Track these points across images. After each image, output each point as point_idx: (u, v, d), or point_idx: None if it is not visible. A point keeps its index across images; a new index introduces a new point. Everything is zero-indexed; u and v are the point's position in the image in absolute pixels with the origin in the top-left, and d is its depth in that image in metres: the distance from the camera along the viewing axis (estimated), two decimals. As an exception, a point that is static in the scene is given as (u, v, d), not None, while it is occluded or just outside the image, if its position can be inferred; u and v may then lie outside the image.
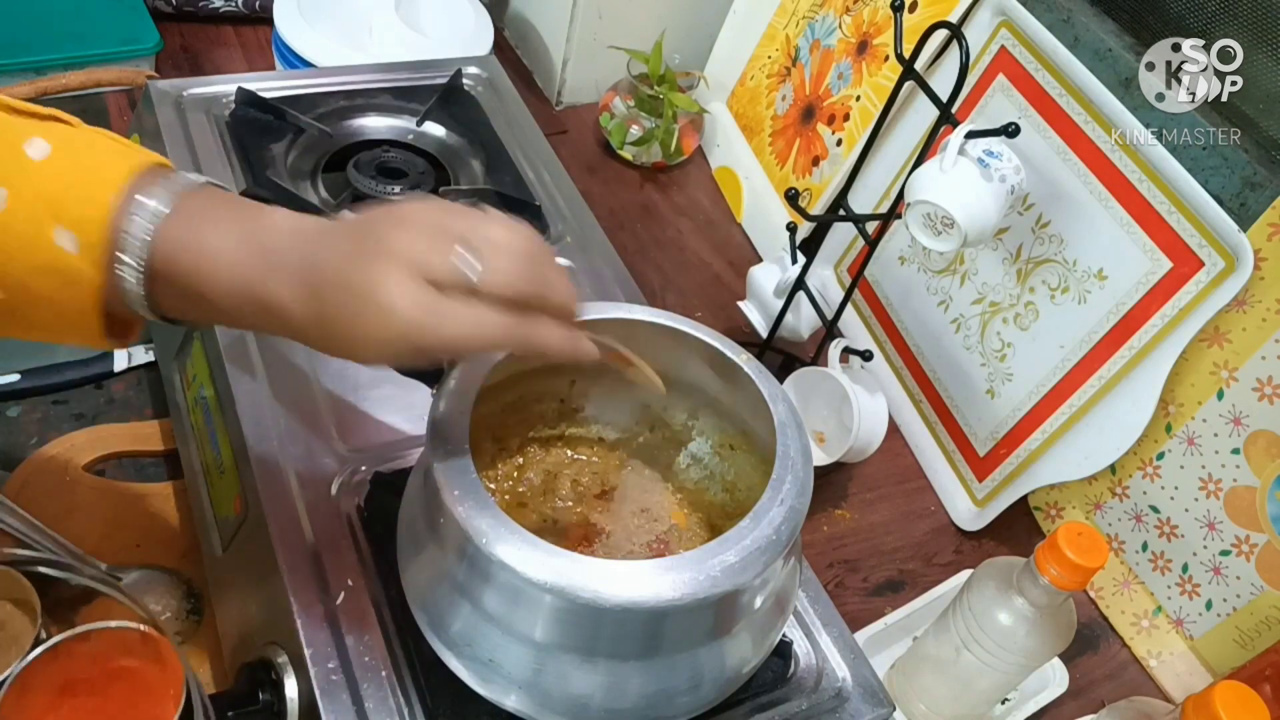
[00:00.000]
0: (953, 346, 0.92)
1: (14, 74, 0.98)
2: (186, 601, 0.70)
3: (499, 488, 0.60)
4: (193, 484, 0.71)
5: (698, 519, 0.62)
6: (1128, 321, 0.78)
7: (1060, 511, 0.90)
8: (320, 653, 0.53)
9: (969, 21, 0.89)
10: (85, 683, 0.45)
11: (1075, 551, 0.59)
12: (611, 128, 1.14)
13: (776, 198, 1.08)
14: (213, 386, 0.67)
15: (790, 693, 0.58)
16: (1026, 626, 0.64)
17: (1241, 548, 0.76)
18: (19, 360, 0.80)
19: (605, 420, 0.64)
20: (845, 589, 0.83)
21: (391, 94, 0.89)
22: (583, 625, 0.47)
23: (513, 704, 0.50)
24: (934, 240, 0.74)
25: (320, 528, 0.59)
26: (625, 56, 1.11)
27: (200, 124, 0.82)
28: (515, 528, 0.45)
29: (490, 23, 1.14)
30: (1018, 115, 0.83)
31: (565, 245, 0.81)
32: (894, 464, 0.94)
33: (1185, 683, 0.81)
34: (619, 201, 1.12)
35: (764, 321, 0.92)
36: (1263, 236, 0.72)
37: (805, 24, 1.07)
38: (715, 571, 0.45)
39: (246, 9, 1.16)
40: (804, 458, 0.51)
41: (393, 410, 0.67)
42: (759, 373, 0.54)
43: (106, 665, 0.46)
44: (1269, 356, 0.73)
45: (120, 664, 0.46)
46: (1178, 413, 0.79)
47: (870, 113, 0.97)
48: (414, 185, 0.81)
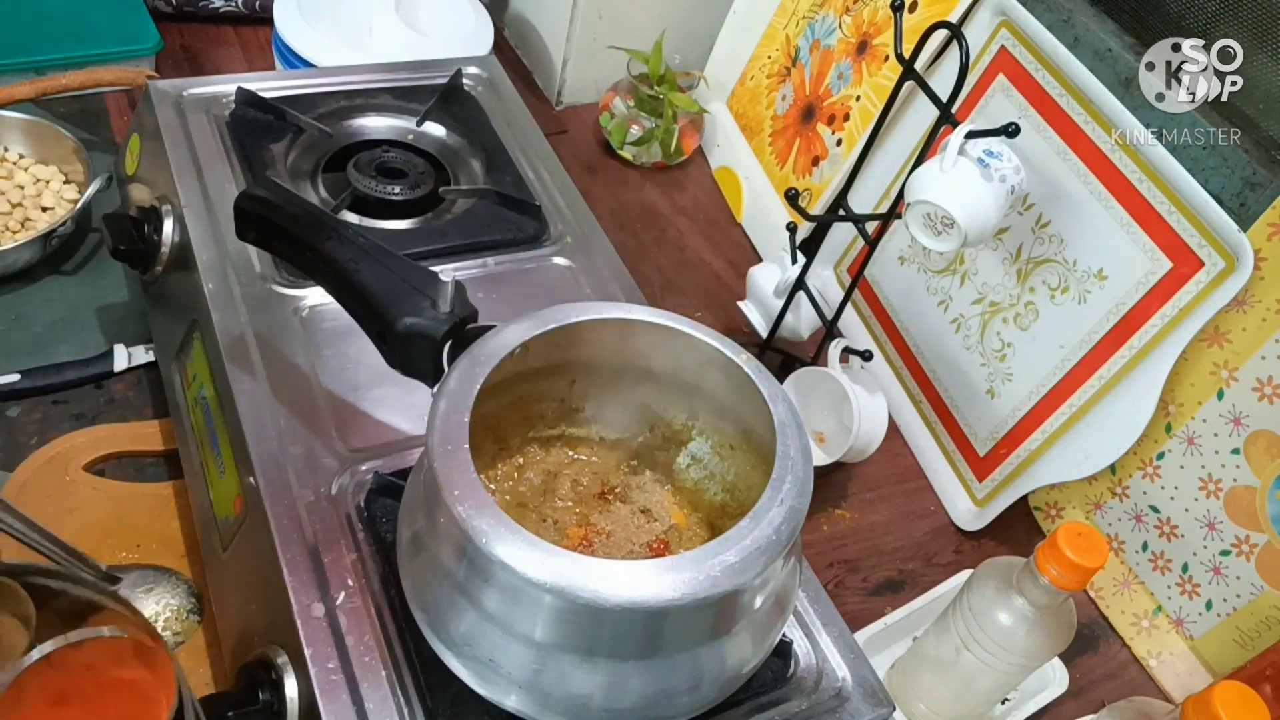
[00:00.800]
0: (953, 346, 0.92)
1: (14, 74, 0.99)
2: (186, 601, 0.70)
3: (499, 488, 0.60)
4: (193, 484, 0.71)
5: (698, 519, 0.62)
6: (1128, 321, 0.78)
7: (1060, 511, 0.90)
8: (320, 653, 0.53)
9: (969, 21, 0.89)
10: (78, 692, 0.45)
11: (1075, 551, 0.59)
12: (611, 128, 1.14)
13: (776, 198, 1.08)
14: (213, 386, 0.67)
15: (790, 693, 0.58)
16: (1026, 626, 0.64)
17: (1241, 548, 0.76)
18: (19, 360, 0.80)
19: (605, 420, 0.64)
20: (845, 589, 0.83)
21: (391, 94, 0.89)
22: (583, 625, 0.46)
23: (513, 704, 0.50)
24: (934, 240, 0.74)
25: (320, 528, 0.59)
26: (625, 56, 1.11)
27: (200, 124, 0.82)
28: (515, 528, 0.45)
29: (490, 23, 1.14)
30: (1018, 115, 0.83)
31: (565, 245, 0.81)
32: (894, 464, 0.94)
33: (1185, 683, 0.81)
34: (619, 201, 1.12)
35: (764, 321, 0.92)
36: (1263, 236, 0.72)
37: (805, 24, 1.07)
38: (715, 571, 0.45)
39: (246, 9, 1.16)
40: (804, 458, 0.51)
41: (393, 410, 0.67)
42: (759, 373, 0.54)
43: (100, 675, 0.45)
44: (1269, 356, 0.73)
45: (113, 673, 0.45)
46: (1178, 413, 0.79)
47: (870, 113, 0.97)
48: (414, 185, 0.81)
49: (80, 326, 0.85)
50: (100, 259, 0.90)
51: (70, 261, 0.89)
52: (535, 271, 0.79)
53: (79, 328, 0.85)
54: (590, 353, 0.59)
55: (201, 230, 0.73)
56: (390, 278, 0.56)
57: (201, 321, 0.70)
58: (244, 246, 0.67)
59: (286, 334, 0.69)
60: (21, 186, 0.90)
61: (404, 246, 0.75)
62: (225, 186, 0.77)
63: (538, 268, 0.79)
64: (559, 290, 0.78)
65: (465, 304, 0.55)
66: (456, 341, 0.54)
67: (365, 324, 0.57)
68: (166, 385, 0.77)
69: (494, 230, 0.80)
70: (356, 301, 0.57)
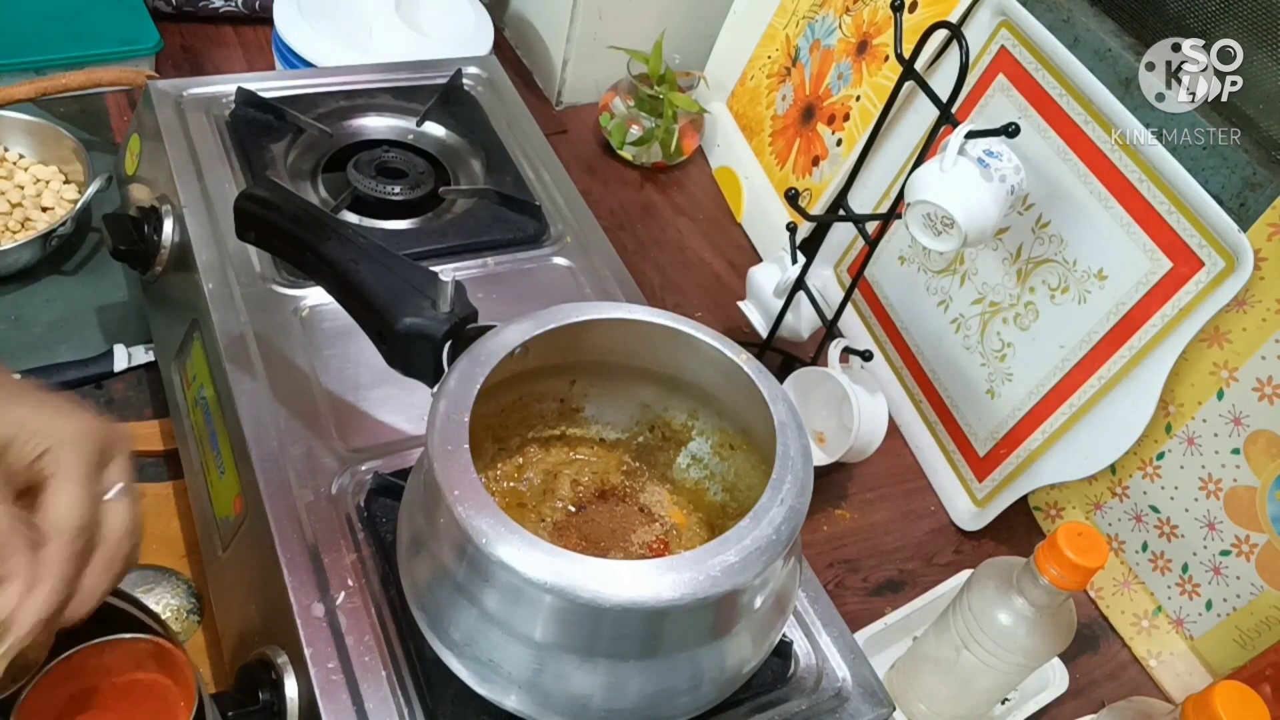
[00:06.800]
0: (953, 346, 0.92)
1: (14, 74, 0.98)
2: (186, 601, 0.70)
3: (499, 488, 0.60)
4: (193, 484, 0.71)
5: (698, 519, 0.62)
6: (1128, 321, 0.78)
7: (1060, 511, 0.90)
8: (320, 653, 0.53)
9: (969, 21, 0.89)
10: (99, 695, 0.45)
11: (1075, 551, 0.59)
12: (611, 128, 1.14)
13: (776, 198, 1.08)
14: (213, 386, 0.67)
15: (790, 693, 0.58)
16: (1026, 626, 0.64)
17: (1241, 548, 0.76)
18: (19, 360, 0.80)
19: (605, 420, 0.64)
20: (845, 589, 0.83)
21: (391, 94, 0.89)
22: (583, 625, 0.46)
23: (513, 704, 0.50)
24: (934, 240, 0.74)
25: (320, 528, 0.59)
26: (625, 56, 1.11)
27: (200, 124, 0.82)
28: (515, 528, 0.45)
29: (490, 23, 1.14)
30: (1018, 115, 0.83)
31: (565, 245, 0.81)
32: (894, 464, 0.94)
33: (1185, 683, 0.81)
34: (619, 201, 1.12)
35: (764, 321, 0.92)
36: (1263, 236, 0.72)
37: (805, 24, 1.07)
38: (715, 571, 0.45)
39: (246, 9, 1.16)
40: (804, 458, 0.51)
41: (393, 410, 0.67)
42: (759, 373, 0.54)
43: (120, 677, 0.45)
44: (1269, 356, 0.73)
45: (133, 676, 0.46)
46: (1178, 413, 0.79)
47: (870, 113, 0.97)
48: (414, 185, 0.81)
49: (80, 326, 0.85)
50: (100, 259, 0.90)
51: (70, 261, 0.89)
52: (535, 271, 0.79)
53: (79, 328, 0.85)
54: (590, 353, 0.59)
55: (201, 230, 0.73)
56: (390, 278, 0.56)
57: (201, 321, 0.70)
58: (244, 246, 0.67)
59: (286, 334, 0.69)
60: (21, 186, 0.90)
61: (404, 246, 0.75)
62: (225, 186, 0.77)
63: (538, 268, 0.79)
64: (559, 290, 0.78)
65: (465, 304, 0.55)
66: (456, 341, 0.54)
67: (365, 324, 0.57)
68: (166, 385, 0.77)
69: (494, 230, 0.80)
70: (356, 301, 0.57)
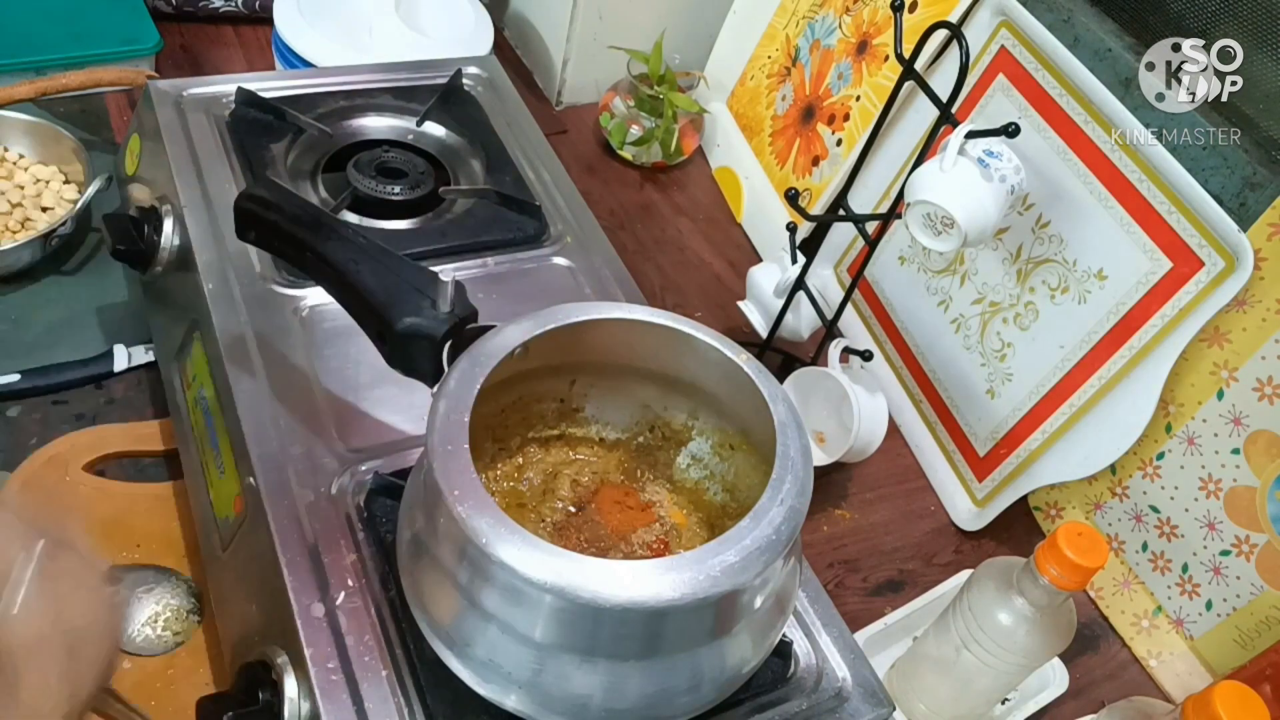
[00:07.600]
0: (953, 346, 0.92)
1: (14, 74, 0.98)
2: (186, 601, 0.70)
3: (499, 488, 0.60)
4: (193, 484, 0.70)
5: (698, 519, 0.62)
6: (1128, 321, 0.78)
7: (1060, 511, 0.90)
8: (320, 653, 0.53)
9: (969, 21, 0.89)
10: None
11: (1075, 551, 0.59)
12: (611, 128, 1.14)
13: (776, 198, 1.08)
14: (213, 386, 0.67)
15: (790, 693, 0.58)
16: (1026, 626, 0.64)
17: (1241, 548, 0.76)
18: (19, 360, 0.80)
19: (605, 420, 0.64)
20: (845, 589, 0.83)
21: (391, 94, 0.89)
22: (583, 625, 0.46)
23: (513, 704, 0.50)
24: (934, 240, 0.74)
25: (320, 528, 0.59)
26: (625, 56, 1.11)
27: (200, 124, 0.82)
28: (515, 528, 0.45)
29: (490, 23, 1.14)
30: (1018, 115, 0.83)
31: (565, 245, 0.81)
32: (894, 464, 0.94)
33: (1185, 683, 0.81)
34: (619, 201, 1.12)
35: (764, 321, 0.92)
36: (1263, 236, 0.72)
37: (805, 24, 1.07)
38: (715, 571, 0.45)
39: (246, 9, 1.16)
40: (804, 458, 0.51)
41: (393, 410, 0.67)
42: (759, 373, 0.54)
43: None
44: (1269, 356, 0.73)
45: None
46: (1178, 413, 0.79)
47: (870, 113, 0.97)
48: (414, 185, 0.81)
49: (80, 326, 0.85)
50: (100, 259, 0.90)
51: (70, 261, 0.89)
52: (535, 271, 0.79)
53: (79, 328, 0.85)
54: (590, 353, 0.59)
55: (201, 230, 0.73)
56: (390, 278, 0.56)
57: (201, 321, 0.70)
58: (244, 246, 0.67)
59: (286, 334, 0.69)
60: (21, 186, 0.90)
61: (404, 246, 0.75)
62: (225, 186, 0.77)
63: (538, 268, 0.79)
64: (559, 290, 0.78)
65: (465, 304, 0.55)
66: (456, 341, 0.54)
67: (365, 324, 0.57)
68: (166, 385, 0.77)
69: (494, 230, 0.80)
70: (356, 301, 0.57)
